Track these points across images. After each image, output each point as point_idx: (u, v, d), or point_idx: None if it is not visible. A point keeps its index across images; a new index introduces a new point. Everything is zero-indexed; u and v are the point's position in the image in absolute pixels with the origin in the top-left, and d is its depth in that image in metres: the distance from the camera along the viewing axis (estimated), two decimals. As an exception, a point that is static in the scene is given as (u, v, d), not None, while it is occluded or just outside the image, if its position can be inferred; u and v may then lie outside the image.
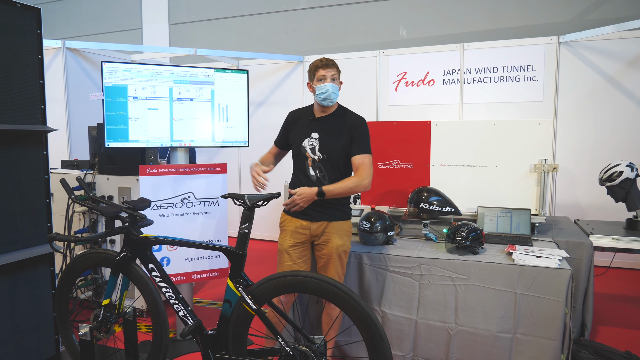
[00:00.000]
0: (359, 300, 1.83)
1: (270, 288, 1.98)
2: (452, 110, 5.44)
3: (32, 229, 2.68)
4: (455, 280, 2.74)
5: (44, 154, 2.75)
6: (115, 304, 2.35)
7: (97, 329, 2.29)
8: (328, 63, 2.59)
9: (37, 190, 2.72)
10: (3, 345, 2.55)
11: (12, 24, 2.51)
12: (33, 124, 2.66)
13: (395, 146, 3.73)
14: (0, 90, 2.47)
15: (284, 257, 2.63)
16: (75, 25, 8.35)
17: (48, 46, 5.02)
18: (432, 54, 5.49)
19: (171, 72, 3.22)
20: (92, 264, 2.39)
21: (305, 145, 2.61)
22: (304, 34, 6.74)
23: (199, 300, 4.18)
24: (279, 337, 1.93)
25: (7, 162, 2.54)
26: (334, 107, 2.67)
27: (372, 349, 1.82)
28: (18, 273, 2.61)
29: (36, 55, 2.65)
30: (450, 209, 3.30)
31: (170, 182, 3.23)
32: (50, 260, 2.81)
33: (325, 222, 2.60)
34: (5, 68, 2.49)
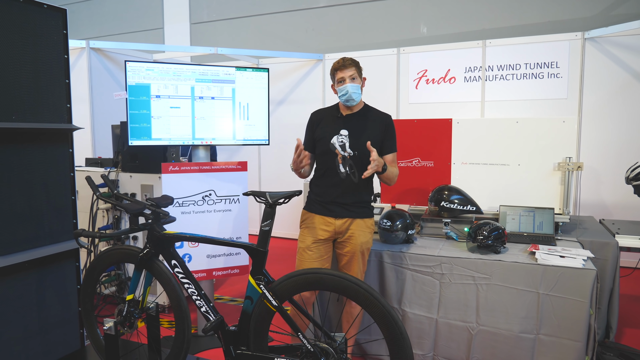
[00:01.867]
0: (379, 298, 1.83)
1: (292, 285, 1.99)
2: (474, 108, 5.38)
3: (58, 225, 2.74)
4: (477, 280, 2.71)
5: (69, 151, 2.80)
6: (138, 300, 2.39)
7: (121, 324, 2.33)
8: (345, 64, 2.58)
9: (63, 188, 2.77)
10: (30, 338, 2.61)
11: (39, 24, 2.56)
12: (59, 123, 2.71)
13: (415, 144, 3.71)
14: (28, 89, 2.53)
15: (305, 254, 2.63)
16: (99, 26, 8.50)
17: (73, 46, 5.12)
18: (453, 51, 5.43)
19: (193, 70, 3.26)
20: (116, 260, 2.44)
21: (334, 142, 2.61)
22: (324, 32, 6.74)
23: (220, 297, 4.22)
24: (299, 334, 1.94)
25: (34, 159, 2.60)
26: (359, 105, 2.68)
27: (393, 347, 1.81)
28: (45, 268, 2.68)
29: (62, 55, 2.70)
30: (471, 207, 3.26)
31: (191, 180, 3.27)
32: (76, 255, 2.87)
33: (349, 219, 2.61)
34: (32, 68, 2.54)
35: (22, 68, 2.49)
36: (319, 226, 2.63)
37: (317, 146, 2.70)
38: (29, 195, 2.57)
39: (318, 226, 2.63)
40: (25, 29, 2.49)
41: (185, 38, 7.62)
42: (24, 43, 2.48)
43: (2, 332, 2.47)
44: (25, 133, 2.54)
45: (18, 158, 2.51)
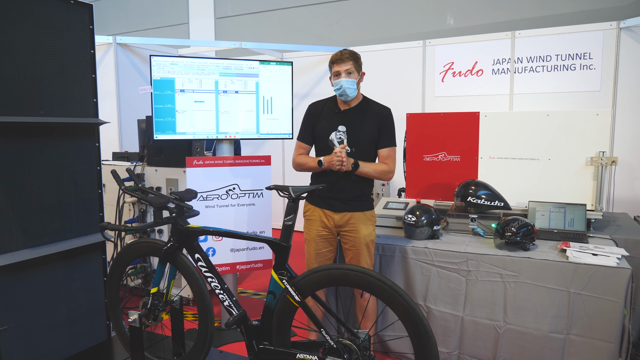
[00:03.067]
0: (404, 295, 1.79)
1: (314, 280, 1.97)
2: (502, 101, 5.24)
3: (85, 218, 2.78)
4: (505, 277, 2.64)
5: (96, 145, 2.83)
6: (163, 292, 2.41)
7: (146, 316, 2.35)
8: (342, 57, 2.53)
9: (89, 181, 2.81)
10: (58, 329, 2.66)
11: (66, 20, 2.59)
12: (86, 117, 2.75)
13: (442, 138, 3.63)
14: (55, 84, 2.56)
15: (311, 245, 2.67)
16: (126, 21, 8.61)
17: (100, 42, 5.19)
18: (481, 43, 5.30)
19: (217, 65, 3.26)
20: (141, 253, 2.46)
21: (332, 138, 2.60)
22: (348, 25, 6.67)
23: (243, 291, 4.24)
24: (322, 330, 1.91)
25: (62, 153, 2.64)
26: (358, 99, 2.64)
27: (418, 345, 1.77)
28: (72, 260, 2.72)
29: (88, 50, 2.73)
30: (499, 203, 3.18)
31: (216, 174, 3.28)
32: (102, 248, 2.91)
33: (348, 212, 2.60)
34: (59, 63, 2.57)
35: (49, 63, 2.52)
36: (320, 219, 2.65)
37: (315, 142, 2.69)
38: (56, 189, 2.61)
39: (319, 219, 2.65)
40: (53, 25, 2.52)
41: (210, 33, 7.66)
42: (51, 38, 2.52)
43: (32, 322, 2.52)
44: (53, 127, 2.58)
45: (46, 152, 2.55)
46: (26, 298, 2.49)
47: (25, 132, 2.45)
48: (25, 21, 2.39)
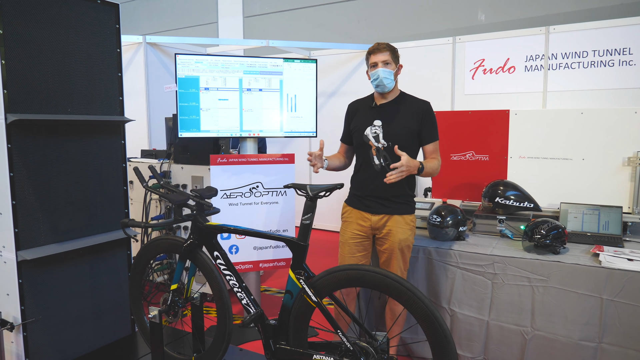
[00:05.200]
0: (423, 298, 1.73)
1: (332, 281, 1.93)
2: (535, 99, 5.07)
3: (110, 214, 2.83)
4: (533, 281, 2.54)
5: (121, 143, 2.88)
6: (183, 289, 2.42)
7: (166, 313, 2.37)
8: (379, 47, 2.48)
9: (115, 178, 2.86)
10: (84, 323, 2.72)
11: (93, 19, 2.64)
12: (112, 115, 2.79)
13: (470, 137, 3.54)
14: (82, 82, 2.61)
15: (344, 248, 2.59)
16: (156, 21, 8.78)
17: (130, 41, 5.30)
18: (514, 39, 5.14)
19: (241, 62, 3.26)
20: (162, 249, 2.48)
21: (367, 133, 2.53)
22: (376, 22, 6.59)
23: (267, 289, 4.24)
24: (339, 332, 1.88)
25: (88, 151, 2.69)
26: (395, 93, 2.57)
27: (436, 350, 1.72)
28: (98, 256, 2.77)
29: (115, 49, 2.77)
30: (529, 204, 3.07)
31: (239, 172, 3.28)
32: (127, 244, 2.96)
33: (386, 215, 2.51)
34: (87, 62, 2.62)
35: (77, 62, 2.57)
36: (357, 221, 2.57)
37: (353, 138, 2.63)
38: (83, 185, 2.67)
39: (355, 221, 2.57)
40: (80, 25, 2.57)
41: (239, 31, 7.72)
42: (78, 38, 2.57)
43: (59, 315, 2.58)
44: (80, 125, 2.63)
45: (73, 149, 2.61)
46: (53, 291, 2.55)
47: (53, 129, 2.50)
48: (54, 21, 2.45)
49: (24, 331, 2.42)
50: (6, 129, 2.28)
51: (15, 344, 2.46)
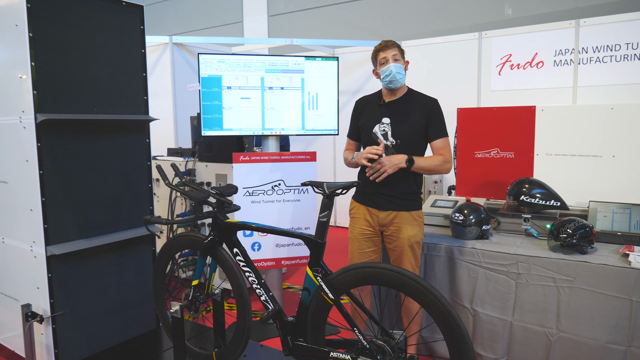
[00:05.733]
0: (440, 296, 1.71)
1: (349, 279, 1.93)
2: (564, 95, 4.93)
3: (136, 211, 2.90)
4: (558, 282, 2.47)
5: (146, 141, 2.94)
6: (204, 285, 2.46)
7: (188, 308, 2.41)
8: (387, 44, 2.50)
9: (140, 176, 2.92)
10: (110, 316, 2.80)
11: (118, 21, 2.70)
12: (137, 114, 2.85)
13: (494, 134, 3.47)
14: (108, 83, 2.68)
15: (354, 244, 2.61)
16: (183, 21, 8.92)
17: (157, 42, 5.40)
18: (542, 33, 5.01)
19: (262, 61, 3.28)
20: (184, 246, 2.52)
21: (376, 131, 2.53)
22: (401, 19, 6.53)
23: (290, 286, 4.27)
24: (355, 329, 1.88)
25: (114, 149, 2.76)
26: (403, 90, 2.56)
27: (453, 350, 1.69)
28: (124, 251, 2.85)
29: (139, 50, 2.83)
30: (555, 202, 2.99)
31: (262, 170, 3.31)
32: (152, 241, 3.02)
33: (393, 211, 2.51)
34: (112, 62, 2.69)
35: (102, 63, 2.64)
36: (364, 217, 2.58)
37: (361, 135, 2.64)
38: (109, 183, 2.74)
39: (363, 217, 2.59)
40: (106, 26, 2.64)
41: (263, 30, 7.77)
42: (104, 39, 2.63)
43: (86, 308, 2.66)
44: (106, 124, 2.70)
45: (99, 148, 2.68)
46: (81, 286, 2.63)
47: (81, 129, 2.58)
48: (81, 24, 2.52)
49: (53, 323, 2.51)
50: (36, 128, 2.36)
51: (45, 336, 2.54)
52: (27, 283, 2.60)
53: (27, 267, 2.57)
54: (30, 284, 2.56)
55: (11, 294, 2.75)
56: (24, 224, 2.55)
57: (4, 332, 2.87)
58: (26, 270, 2.59)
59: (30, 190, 2.45)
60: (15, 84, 2.44)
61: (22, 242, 2.58)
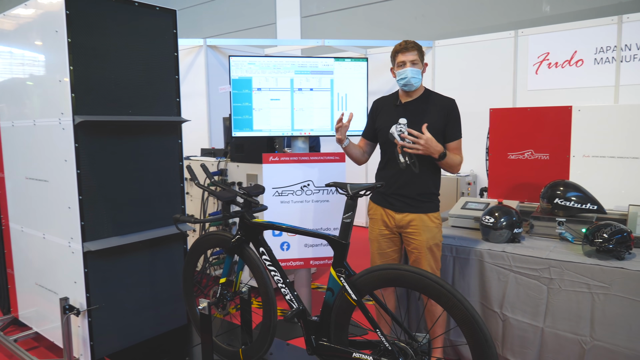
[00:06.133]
0: (463, 300, 1.69)
1: (372, 280, 1.93)
2: (605, 94, 4.75)
3: (168, 210, 2.98)
4: (593, 288, 2.39)
5: (178, 142, 3.02)
6: (231, 283, 2.51)
7: (215, 305, 2.47)
8: (407, 47, 2.48)
9: (172, 175, 3.01)
10: (143, 311, 2.89)
11: (152, 25, 2.79)
12: (169, 116, 2.94)
13: (528, 135, 3.39)
14: (143, 85, 2.77)
15: (374, 245, 2.62)
16: (218, 24, 9.09)
17: (192, 45, 5.53)
18: (582, 30, 4.84)
19: (292, 63, 3.31)
20: (212, 244, 2.58)
21: (393, 131, 2.52)
22: (434, 18, 6.45)
23: (319, 286, 4.29)
24: (378, 331, 1.87)
25: (148, 150, 2.85)
26: (420, 90, 2.55)
27: (476, 354, 1.66)
28: (156, 249, 2.93)
29: (172, 53, 2.91)
30: (592, 206, 2.88)
31: (291, 170, 3.34)
32: (184, 239, 3.10)
33: (410, 213, 2.49)
34: (146, 65, 2.78)
35: (137, 66, 2.73)
36: (381, 218, 2.58)
37: (378, 136, 2.64)
38: (143, 182, 2.83)
39: (380, 218, 2.59)
40: (140, 30, 2.73)
41: (296, 32, 7.83)
42: (138, 43, 2.72)
43: (120, 303, 2.76)
44: (140, 125, 2.79)
45: (134, 148, 2.77)
46: (115, 281, 2.73)
47: (116, 130, 2.68)
48: (116, 28, 2.62)
49: (89, 317, 2.61)
50: (74, 129, 2.47)
51: (82, 328, 2.65)
52: (65, 277, 2.71)
53: (65, 262, 2.69)
54: (68, 278, 2.68)
55: (51, 288, 2.88)
56: (62, 221, 2.66)
57: (45, 324, 3.01)
58: (64, 265, 2.71)
59: (68, 188, 2.56)
60: (55, 87, 2.55)
61: (61, 238, 2.70)
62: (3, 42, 3.01)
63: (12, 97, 3.00)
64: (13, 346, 2.99)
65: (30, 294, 3.13)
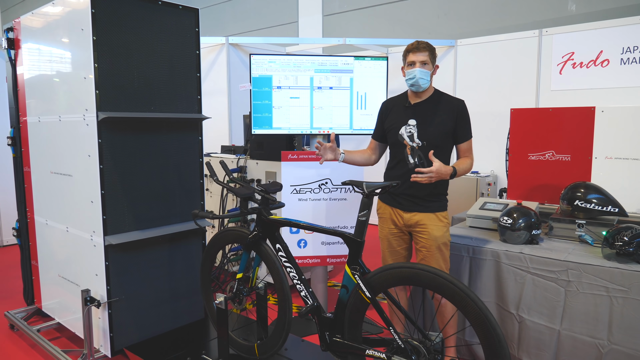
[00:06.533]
0: (476, 299, 1.69)
1: (386, 278, 1.94)
2: (632, 95, 4.64)
3: (188, 205, 3.04)
4: (611, 292, 2.35)
5: (199, 139, 3.07)
6: (248, 278, 2.54)
7: (232, 300, 2.51)
8: (419, 47, 2.46)
9: (193, 172, 3.06)
10: (161, 305, 2.95)
11: (175, 24, 2.84)
12: (191, 113, 2.99)
13: (550, 136, 3.34)
14: (165, 83, 2.83)
15: (384, 243, 2.65)
16: (240, 22, 9.16)
17: (214, 42, 5.59)
18: (608, 30, 4.74)
19: (312, 61, 3.33)
20: (229, 240, 2.62)
21: (402, 133, 2.52)
22: (457, 17, 6.39)
23: (336, 284, 4.30)
24: (391, 329, 1.88)
25: (169, 146, 2.90)
26: (429, 91, 2.54)
27: (489, 354, 1.66)
28: (175, 244, 2.99)
29: (194, 51, 2.96)
30: (613, 209, 2.84)
31: (309, 168, 3.36)
32: (202, 234, 3.15)
33: (418, 213, 2.50)
34: (169, 63, 2.83)
35: (159, 64, 2.79)
36: (390, 217, 2.60)
37: (387, 137, 2.64)
38: (163, 178, 2.89)
39: (389, 217, 2.61)
40: (163, 29, 2.78)
41: (318, 30, 7.85)
42: (161, 41, 2.78)
43: (139, 296, 2.82)
44: (162, 122, 2.85)
45: (155, 144, 2.83)
46: (135, 274, 2.80)
47: (138, 126, 2.74)
48: (140, 27, 2.68)
49: (109, 309, 2.68)
50: (97, 125, 2.54)
51: (102, 320, 2.73)
52: (87, 270, 2.79)
53: (87, 255, 2.77)
54: (90, 270, 2.75)
55: (73, 280, 2.96)
56: (85, 215, 2.74)
57: (67, 315, 3.10)
58: (86, 258, 2.78)
59: (91, 183, 2.63)
60: (79, 84, 2.63)
61: (83, 232, 2.77)
62: (31, 39, 3.10)
63: (39, 94, 3.09)
64: (36, 336, 3.08)
65: (53, 286, 3.23)
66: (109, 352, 2.71)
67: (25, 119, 3.27)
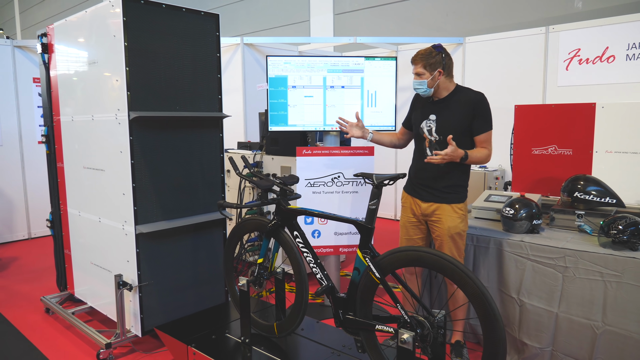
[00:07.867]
0: (474, 278, 1.88)
1: (393, 260, 2.14)
2: (638, 90, 4.75)
3: (210, 198, 3.26)
4: (605, 277, 2.53)
5: (220, 136, 3.29)
6: (268, 263, 2.76)
7: (253, 283, 2.73)
8: (414, 60, 2.67)
9: (214, 166, 3.28)
10: (186, 290, 3.18)
11: (198, 28, 3.05)
12: (212, 111, 3.20)
13: (552, 131, 3.51)
14: (188, 84, 3.04)
15: (402, 231, 2.87)
16: (254, 22, 9.37)
17: (230, 43, 5.81)
18: (614, 26, 4.86)
19: (325, 62, 3.53)
20: (251, 228, 2.83)
21: (423, 127, 2.74)
22: (465, 15, 6.53)
23: (348, 274, 4.51)
24: (398, 305, 2.08)
25: (193, 142, 3.12)
26: (448, 89, 2.70)
27: (486, 327, 1.85)
28: (199, 233, 3.21)
29: (215, 54, 3.17)
30: (611, 200, 3.00)
31: (322, 163, 3.56)
32: (223, 224, 3.38)
33: (434, 203, 2.70)
34: (192, 66, 3.05)
35: (183, 66, 3.00)
36: (410, 206, 2.82)
37: (413, 129, 2.86)
38: (188, 172, 3.11)
39: (409, 206, 2.83)
40: (187, 34, 3.00)
41: (329, 29, 8.03)
42: (185, 45, 2.99)
43: (166, 281, 3.05)
44: (186, 120, 3.07)
45: (180, 141, 3.05)
46: (162, 261, 3.03)
47: (165, 124, 2.96)
48: (166, 32, 2.89)
49: (139, 292, 2.91)
50: (129, 124, 2.76)
51: (133, 303, 2.96)
52: (119, 257, 3.03)
53: (119, 243, 3.00)
54: (122, 257, 2.99)
55: (105, 266, 3.20)
56: (117, 206, 2.97)
57: (98, 299, 3.35)
58: (118, 246, 3.02)
59: (123, 177, 2.86)
60: (112, 85, 2.85)
61: (115, 222, 3.01)
62: (65, 45, 3.34)
63: (73, 95, 3.33)
64: (72, 318, 3.33)
65: (85, 272, 3.47)
66: (139, 332, 2.95)
67: (58, 118, 3.51)
